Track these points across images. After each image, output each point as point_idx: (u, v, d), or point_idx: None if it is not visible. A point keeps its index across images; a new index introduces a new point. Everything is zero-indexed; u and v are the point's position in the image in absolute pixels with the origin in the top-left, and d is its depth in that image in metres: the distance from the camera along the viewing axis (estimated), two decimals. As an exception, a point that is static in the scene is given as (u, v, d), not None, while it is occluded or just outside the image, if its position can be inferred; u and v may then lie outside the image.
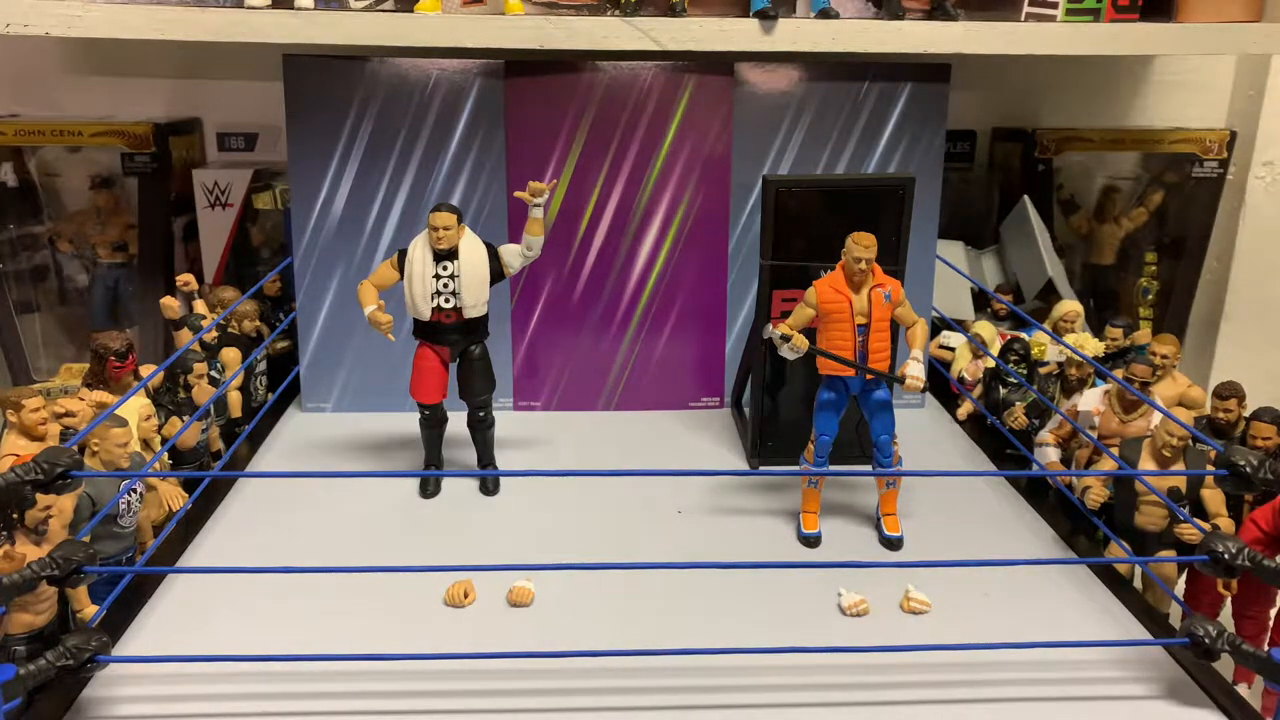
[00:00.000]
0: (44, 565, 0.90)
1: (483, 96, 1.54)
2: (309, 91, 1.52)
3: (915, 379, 1.18)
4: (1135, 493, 1.24)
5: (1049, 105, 2.02)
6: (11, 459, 1.03)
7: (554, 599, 1.11)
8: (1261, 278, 2.05)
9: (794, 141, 1.59)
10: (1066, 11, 1.51)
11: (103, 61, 1.89)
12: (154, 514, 1.25)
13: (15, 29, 1.35)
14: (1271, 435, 1.23)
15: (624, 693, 0.97)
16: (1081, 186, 2.02)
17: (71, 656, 0.89)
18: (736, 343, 1.63)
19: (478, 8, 1.45)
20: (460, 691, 0.97)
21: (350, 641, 1.03)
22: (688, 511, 1.31)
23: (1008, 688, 0.99)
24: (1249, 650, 0.94)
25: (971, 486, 1.40)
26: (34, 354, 1.90)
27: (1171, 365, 1.43)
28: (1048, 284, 1.85)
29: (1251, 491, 1.02)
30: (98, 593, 1.06)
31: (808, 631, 1.07)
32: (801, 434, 1.28)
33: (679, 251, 1.61)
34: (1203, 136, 1.93)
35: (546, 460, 1.46)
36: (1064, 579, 1.18)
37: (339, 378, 1.62)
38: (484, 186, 1.57)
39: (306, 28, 1.38)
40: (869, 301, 1.18)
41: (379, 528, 1.27)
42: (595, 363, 1.64)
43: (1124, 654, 1.04)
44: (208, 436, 1.42)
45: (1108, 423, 1.36)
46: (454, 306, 1.29)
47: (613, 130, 1.56)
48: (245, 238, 1.87)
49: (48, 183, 1.88)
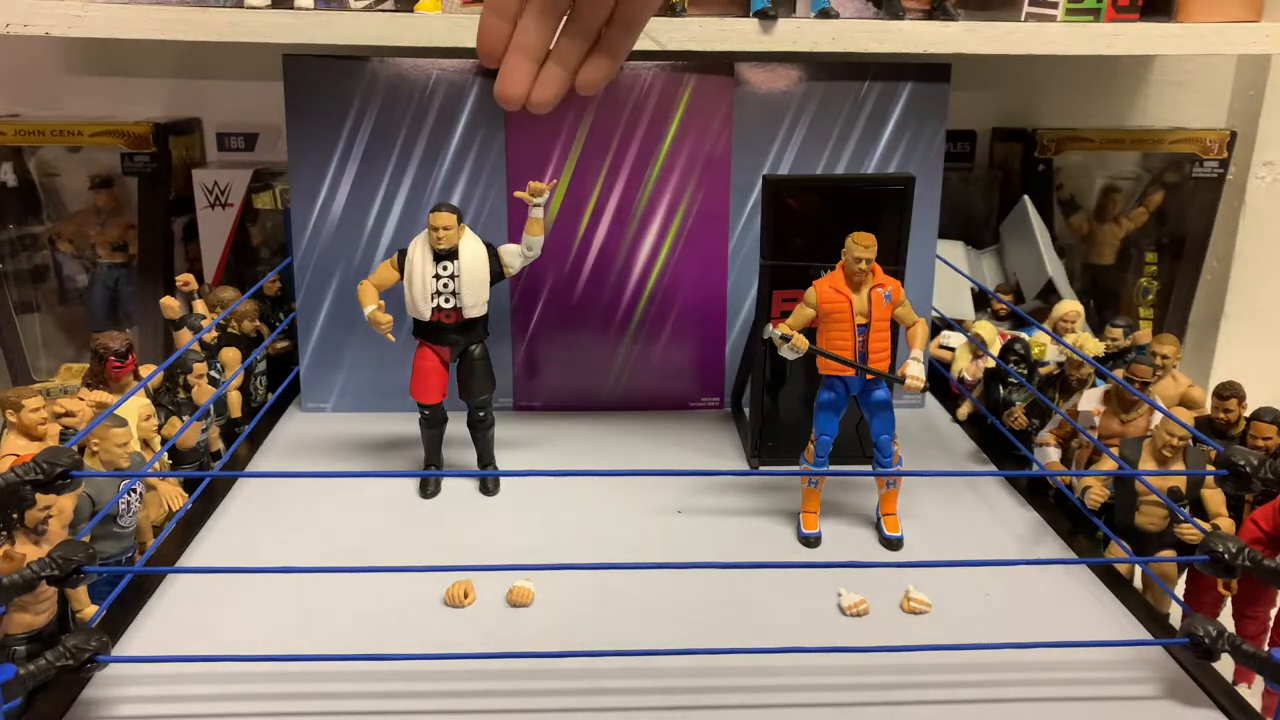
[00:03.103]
0: (44, 565, 0.90)
1: (483, 96, 1.54)
2: (309, 91, 1.52)
3: (915, 379, 1.18)
4: (1135, 493, 1.24)
5: (1049, 105, 2.02)
6: (11, 459, 1.03)
7: (554, 599, 1.11)
8: (1261, 278, 2.05)
9: (794, 141, 1.59)
10: (1066, 11, 1.51)
11: (103, 61, 1.89)
12: (154, 514, 1.25)
13: (15, 29, 1.35)
14: (1271, 435, 1.23)
15: (624, 693, 0.97)
16: (1081, 186, 2.02)
17: (71, 656, 0.89)
18: (736, 343, 1.63)
19: (478, 8, 1.44)
20: (460, 691, 0.97)
21: (350, 641, 1.03)
22: (688, 511, 1.31)
23: (1008, 688, 0.99)
24: (1249, 650, 0.94)
25: (971, 486, 1.40)
26: (34, 354, 1.90)
27: (1172, 365, 1.43)
28: (1048, 284, 1.85)
29: (1251, 491, 1.02)
30: (98, 593, 1.06)
31: (808, 631, 1.07)
32: (801, 434, 1.28)
33: (679, 251, 1.60)
34: (1203, 136, 1.93)
35: (546, 460, 1.46)
36: (1064, 579, 1.18)
37: (339, 378, 1.62)
38: (484, 186, 1.57)
39: (306, 28, 1.38)
40: (869, 301, 1.18)
41: (379, 528, 1.27)
42: (595, 363, 1.64)
43: (1124, 654, 1.04)
44: (208, 436, 1.42)
45: (1108, 423, 1.36)
46: (454, 306, 1.29)
47: (613, 130, 1.56)
48: (245, 238, 1.87)
49: (48, 183, 1.88)
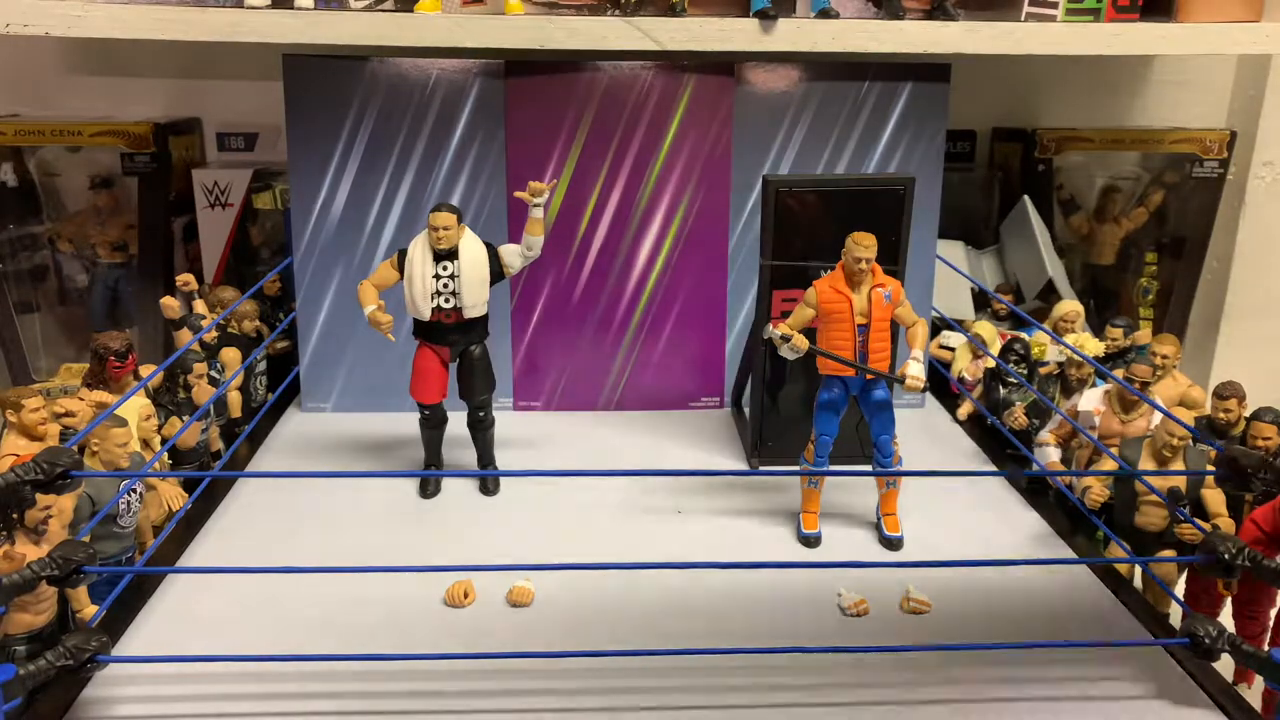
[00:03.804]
0: (44, 565, 0.90)
1: (483, 96, 1.54)
2: (309, 91, 1.52)
3: (915, 379, 1.18)
4: (1135, 493, 1.24)
5: (1049, 105, 2.02)
6: (11, 459, 1.03)
7: (554, 599, 1.11)
8: (1261, 278, 2.05)
9: (794, 141, 1.59)
10: (1066, 11, 1.51)
11: (103, 61, 1.89)
12: (154, 514, 1.25)
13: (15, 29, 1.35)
14: (1271, 435, 1.23)
15: (624, 693, 0.97)
16: (1081, 186, 2.01)
17: (71, 656, 0.88)
18: (736, 343, 1.63)
19: (478, 8, 1.45)
20: (460, 691, 0.97)
21: (350, 641, 1.03)
22: (688, 511, 1.31)
23: (1008, 688, 0.99)
24: (1249, 650, 0.94)
25: (971, 486, 1.40)
26: (34, 354, 1.89)
27: (1172, 365, 1.43)
28: (1048, 284, 1.85)
29: (1251, 491, 1.02)
30: (98, 593, 1.06)
31: (808, 631, 1.07)
32: (801, 434, 1.28)
33: (679, 251, 1.60)
34: (1203, 136, 1.92)
35: (546, 460, 1.46)
36: (1064, 579, 1.18)
37: (339, 378, 1.62)
38: (484, 186, 1.57)
39: (306, 28, 1.38)
40: (869, 301, 1.18)
41: (379, 528, 1.27)
42: (595, 363, 1.64)
43: (1124, 654, 1.04)
44: (208, 436, 1.42)
45: (1108, 423, 1.36)
46: (454, 306, 1.29)
47: (613, 130, 1.56)
48: (245, 238, 1.87)
49: (48, 183, 1.87)
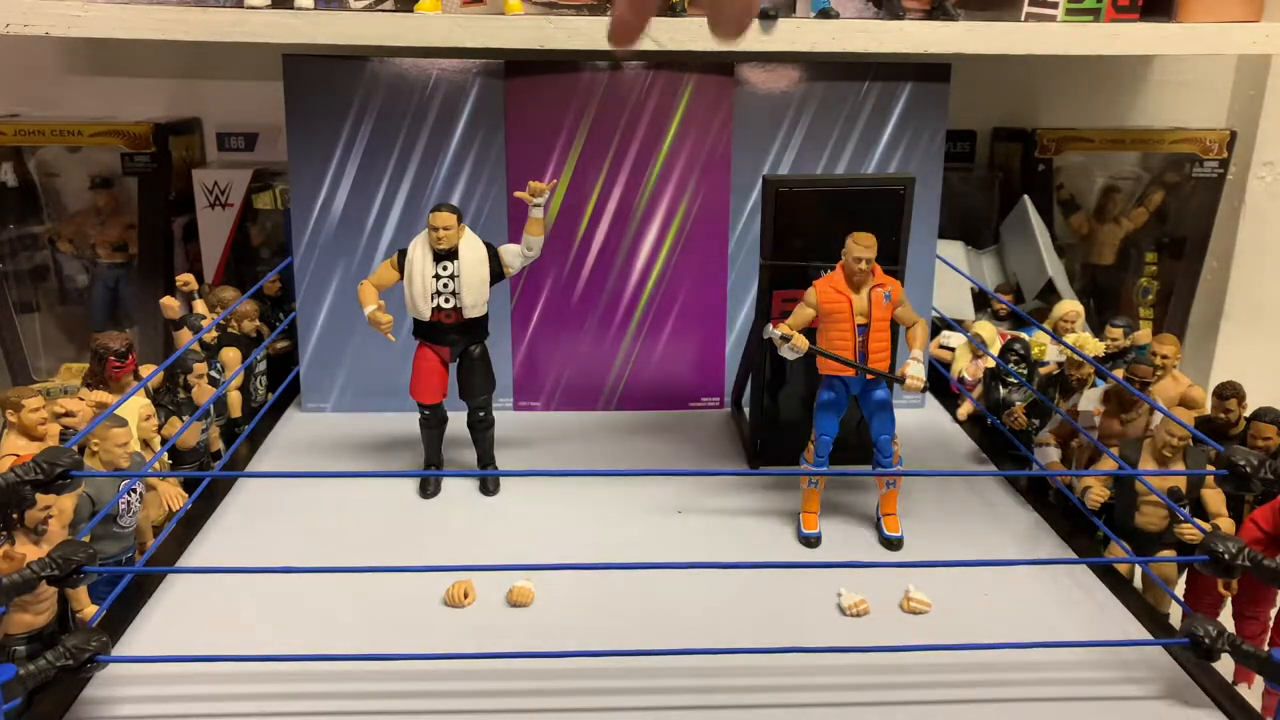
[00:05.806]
0: (44, 565, 0.90)
1: (483, 96, 1.54)
2: (309, 91, 1.52)
3: (915, 379, 1.18)
4: (1135, 493, 1.24)
5: (1049, 105, 2.02)
6: (11, 459, 1.03)
7: (554, 599, 1.11)
8: (1261, 278, 2.05)
9: (794, 141, 1.59)
10: (1066, 11, 1.51)
11: (103, 61, 1.89)
12: (154, 514, 1.25)
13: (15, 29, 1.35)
14: (1272, 435, 1.23)
15: (624, 693, 0.97)
16: (1081, 186, 2.02)
17: (71, 656, 0.89)
18: (736, 343, 1.63)
19: (478, 8, 1.45)
20: (460, 691, 0.97)
21: (350, 641, 1.03)
22: (688, 511, 1.31)
23: (1008, 688, 0.99)
24: (1249, 650, 0.94)
25: (971, 486, 1.40)
26: (34, 354, 1.90)
27: (1172, 365, 1.43)
28: (1048, 284, 1.85)
29: (1251, 491, 1.02)
30: (98, 593, 1.06)
31: (808, 631, 1.07)
32: (801, 434, 1.28)
33: (679, 251, 1.60)
34: (1203, 136, 1.93)
35: (546, 460, 1.46)
36: (1064, 579, 1.18)
37: (339, 378, 1.62)
38: (484, 186, 1.57)
39: (306, 28, 1.38)
40: (869, 301, 1.18)
41: (379, 528, 1.27)
42: (595, 363, 1.64)
43: (1124, 654, 1.04)
44: (208, 436, 1.42)
45: (1108, 423, 1.36)
46: (454, 306, 1.29)
47: (613, 130, 1.56)
48: (245, 238, 1.87)
49: (48, 183, 1.88)
